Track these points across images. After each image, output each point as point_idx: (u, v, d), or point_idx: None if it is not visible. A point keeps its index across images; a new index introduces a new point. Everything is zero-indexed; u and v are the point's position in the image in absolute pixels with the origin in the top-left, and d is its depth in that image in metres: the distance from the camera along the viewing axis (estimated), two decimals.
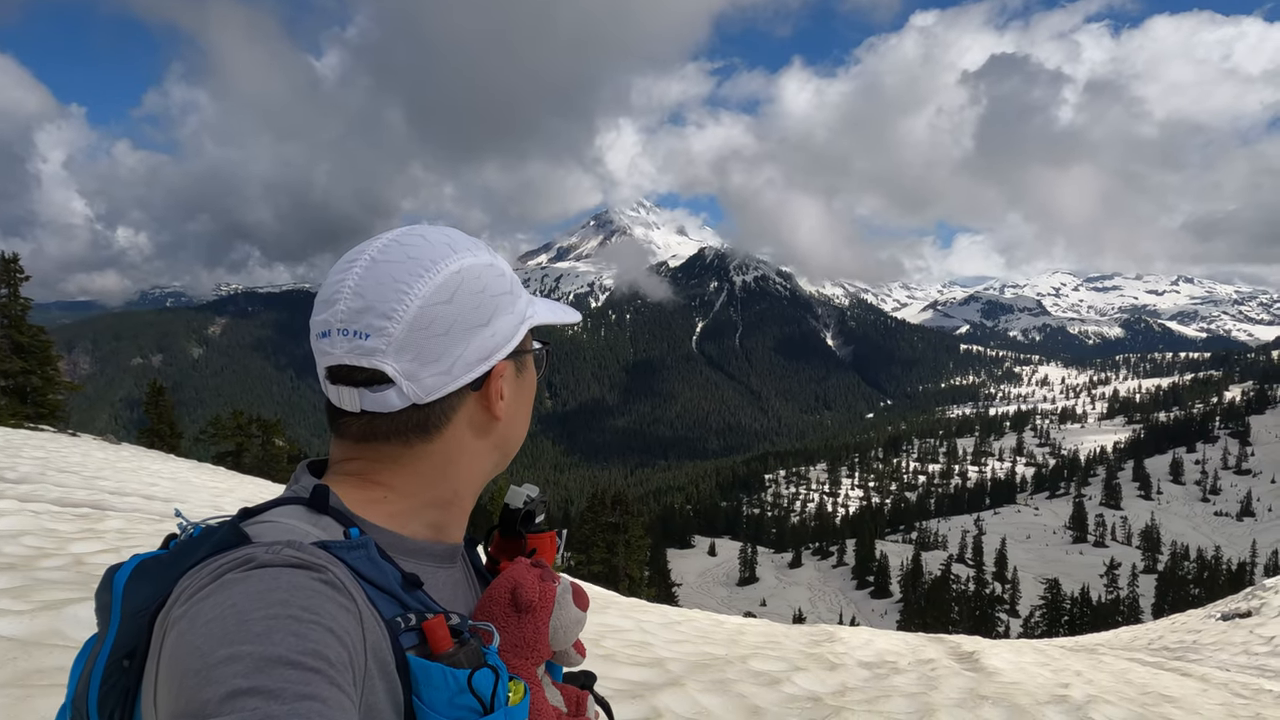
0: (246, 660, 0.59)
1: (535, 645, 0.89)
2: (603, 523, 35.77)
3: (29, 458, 13.28)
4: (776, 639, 8.02)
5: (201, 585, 0.68)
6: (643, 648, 6.41)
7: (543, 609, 0.90)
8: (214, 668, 0.59)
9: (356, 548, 0.78)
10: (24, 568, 4.87)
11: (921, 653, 7.98)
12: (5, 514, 6.71)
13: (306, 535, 0.78)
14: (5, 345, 24.67)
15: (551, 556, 1.06)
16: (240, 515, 0.81)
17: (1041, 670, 7.79)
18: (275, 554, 0.70)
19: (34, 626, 3.62)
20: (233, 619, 0.63)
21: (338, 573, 0.72)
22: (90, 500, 8.83)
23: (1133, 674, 8.54)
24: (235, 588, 0.66)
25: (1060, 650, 10.15)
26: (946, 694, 5.99)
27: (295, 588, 0.67)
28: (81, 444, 20.22)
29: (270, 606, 0.64)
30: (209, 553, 0.72)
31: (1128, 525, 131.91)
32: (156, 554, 0.81)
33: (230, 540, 0.74)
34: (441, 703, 0.73)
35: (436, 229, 0.89)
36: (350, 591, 0.71)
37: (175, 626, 0.65)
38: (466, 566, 1.00)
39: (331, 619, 0.66)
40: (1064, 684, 7.05)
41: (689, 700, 4.84)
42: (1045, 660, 8.68)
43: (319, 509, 0.83)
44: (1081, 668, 8.43)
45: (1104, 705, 6.26)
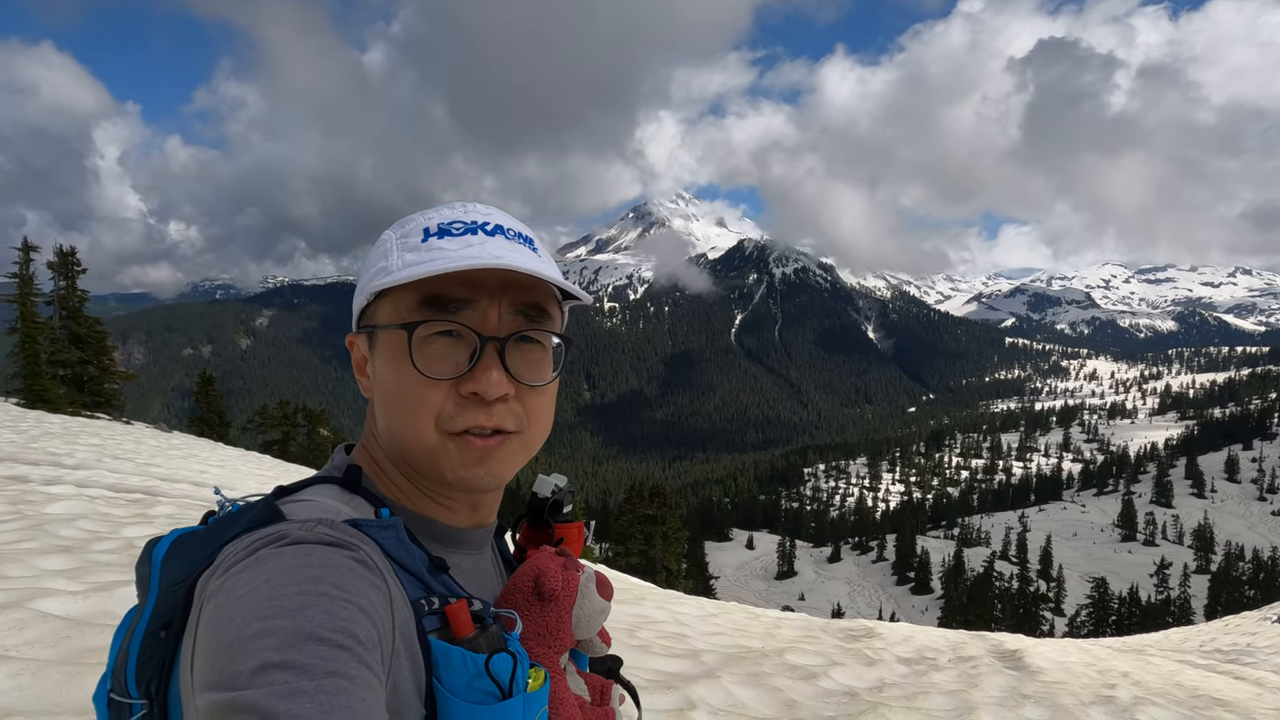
0: (278, 635, 0.60)
1: (558, 634, 0.89)
2: (640, 514, 35.79)
3: (85, 444, 13.73)
4: (814, 633, 7.97)
5: (237, 560, 0.69)
6: (678, 639, 6.41)
7: (565, 598, 0.90)
8: (247, 641, 0.60)
9: (386, 528, 0.79)
10: (79, 550, 5.03)
11: (962, 650, 7.86)
12: (62, 498, 6.95)
13: (339, 513, 0.79)
14: (64, 336, 25.49)
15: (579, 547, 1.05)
16: (275, 493, 0.83)
17: (1087, 670, 7.62)
18: (309, 531, 0.71)
19: (87, 607, 3.74)
20: (266, 594, 0.64)
21: (369, 551, 0.73)
22: (143, 486, 9.10)
23: (1183, 676, 8.31)
24: (269, 563, 0.67)
25: (1107, 650, 9.92)
26: (987, 692, 5.89)
27: (327, 565, 0.68)
28: (135, 432, 20.85)
29: (303, 583, 0.65)
30: (244, 529, 0.74)
31: (1179, 524, 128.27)
32: (195, 529, 0.83)
33: (265, 517, 0.76)
34: (460, 686, 0.73)
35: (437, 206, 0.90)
36: (380, 570, 0.73)
37: (212, 599, 0.67)
38: (494, 554, 1.00)
39: (362, 596, 0.67)
40: (1110, 685, 6.89)
41: (723, 692, 4.83)
42: (1091, 660, 8.49)
43: (351, 488, 0.85)
44: (1129, 669, 8.22)
45: (1151, 707, 6.11)
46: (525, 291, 0.84)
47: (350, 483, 0.86)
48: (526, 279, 0.84)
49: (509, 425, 0.84)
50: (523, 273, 0.81)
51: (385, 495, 0.87)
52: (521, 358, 0.85)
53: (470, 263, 0.79)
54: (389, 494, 0.88)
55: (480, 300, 0.82)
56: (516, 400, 0.84)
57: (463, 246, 0.83)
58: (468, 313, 0.82)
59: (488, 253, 0.82)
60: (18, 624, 3.35)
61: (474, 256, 0.81)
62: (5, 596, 3.70)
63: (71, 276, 26.06)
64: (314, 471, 0.89)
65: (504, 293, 0.83)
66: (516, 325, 0.84)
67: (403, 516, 0.85)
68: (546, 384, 0.88)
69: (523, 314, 0.84)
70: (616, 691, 1.04)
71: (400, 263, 0.83)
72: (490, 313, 0.83)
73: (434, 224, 0.86)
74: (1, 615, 3.39)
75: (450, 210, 0.88)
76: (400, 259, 0.83)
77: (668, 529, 35.80)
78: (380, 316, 0.85)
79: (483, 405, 0.82)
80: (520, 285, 0.84)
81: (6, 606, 3.52)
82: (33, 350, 23.29)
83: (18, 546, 4.95)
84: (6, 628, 3.30)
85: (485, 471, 0.84)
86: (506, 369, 0.83)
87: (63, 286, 25.92)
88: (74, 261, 26.18)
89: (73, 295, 26.15)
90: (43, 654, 3.13)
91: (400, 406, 0.83)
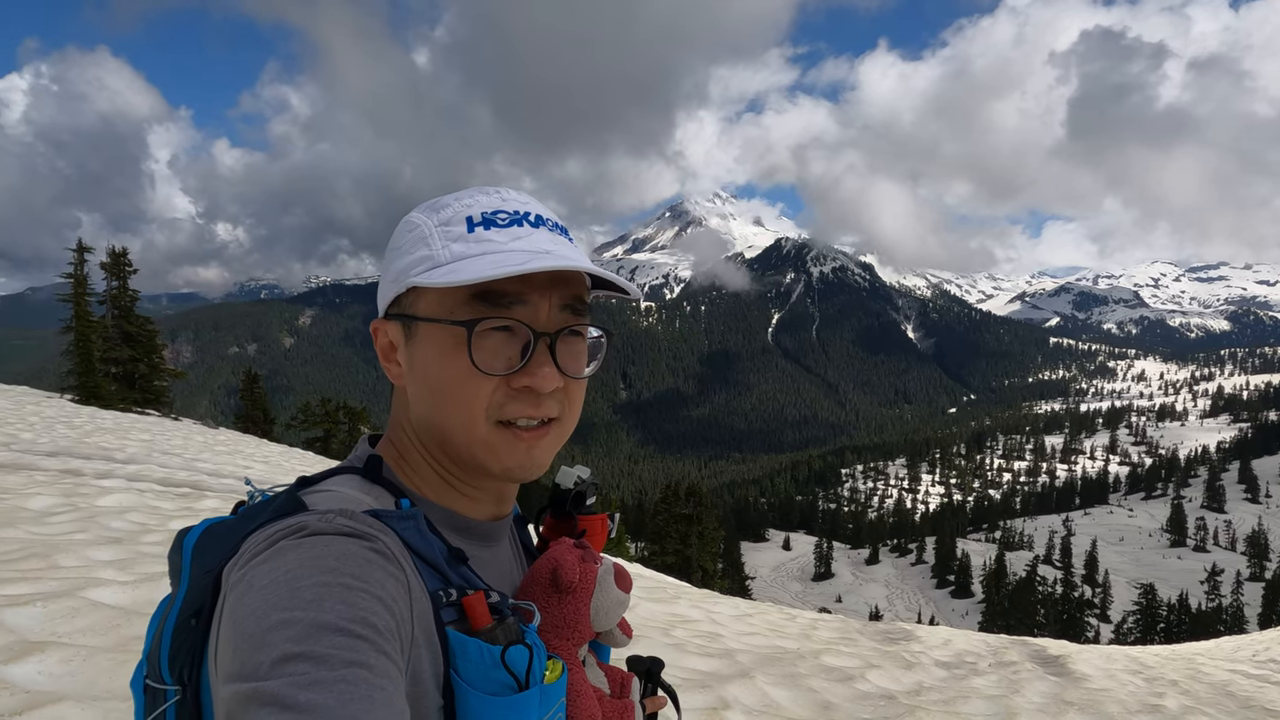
0: (298, 626, 0.61)
1: (576, 625, 0.89)
2: (676, 514, 35.75)
3: (136, 440, 14.12)
4: (850, 635, 7.88)
5: (258, 551, 0.70)
6: (712, 639, 6.39)
7: (583, 590, 0.90)
8: (267, 632, 0.61)
9: (406, 519, 0.79)
10: (129, 542, 5.18)
11: (1003, 655, 7.71)
12: (113, 492, 7.16)
13: (360, 504, 0.80)
14: (116, 334, 26.22)
15: (602, 539, 1.04)
16: (298, 483, 0.84)
17: (1133, 678, 7.43)
18: (328, 522, 0.72)
19: (135, 596, 3.85)
20: (285, 585, 0.64)
21: (388, 541, 0.73)
22: (190, 481, 9.33)
23: (1235, 687, 8.05)
24: (289, 554, 0.68)
25: (1155, 658, 9.65)
26: (1029, 698, 5.78)
27: (346, 556, 0.68)
28: (183, 428, 21.40)
29: (321, 574, 0.66)
30: (268, 519, 0.75)
31: (1231, 530, 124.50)
32: (225, 519, 0.85)
33: (287, 507, 0.77)
34: (477, 677, 0.74)
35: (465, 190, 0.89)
36: (399, 560, 0.73)
37: (234, 590, 0.68)
38: (514, 546, 1.00)
39: (380, 587, 0.68)
40: (1158, 694, 6.71)
41: (758, 692, 4.80)
42: (1138, 668, 8.28)
43: (372, 479, 0.86)
44: (1178, 677, 8.00)
45: (1201, 718, 5.94)
46: (571, 285, 0.85)
47: (371, 473, 0.86)
48: (574, 273, 0.85)
49: (554, 414, 0.86)
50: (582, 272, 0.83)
51: (406, 486, 0.88)
52: (568, 350, 0.86)
53: (542, 264, 0.78)
54: (411, 485, 0.88)
55: (532, 295, 0.82)
56: (562, 391, 0.85)
57: (512, 239, 0.83)
58: (521, 308, 0.81)
59: (539, 247, 0.83)
60: (70, 612, 3.46)
61: (536, 253, 0.81)
62: (59, 585, 3.82)
63: (123, 277, 26.77)
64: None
65: (553, 287, 0.83)
66: (565, 320, 0.84)
67: (423, 508, 0.86)
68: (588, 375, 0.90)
69: (569, 308, 0.85)
70: (636, 684, 1.04)
71: (447, 253, 0.82)
72: (541, 307, 0.83)
73: (476, 212, 0.85)
74: (55, 603, 3.51)
75: (486, 197, 0.87)
76: (447, 249, 0.82)
77: (704, 529, 35.71)
78: (423, 307, 0.83)
79: (532, 397, 0.83)
80: (568, 279, 0.84)
81: (60, 595, 3.64)
82: (86, 348, 24.00)
83: (71, 537, 5.11)
84: (59, 615, 3.41)
85: (530, 461, 0.85)
86: (556, 362, 0.83)
87: (115, 286, 26.63)
88: (125, 262, 26.88)
89: (124, 295, 26.87)
90: (93, 641, 3.23)
91: (450, 398, 0.83)
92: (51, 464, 8.89)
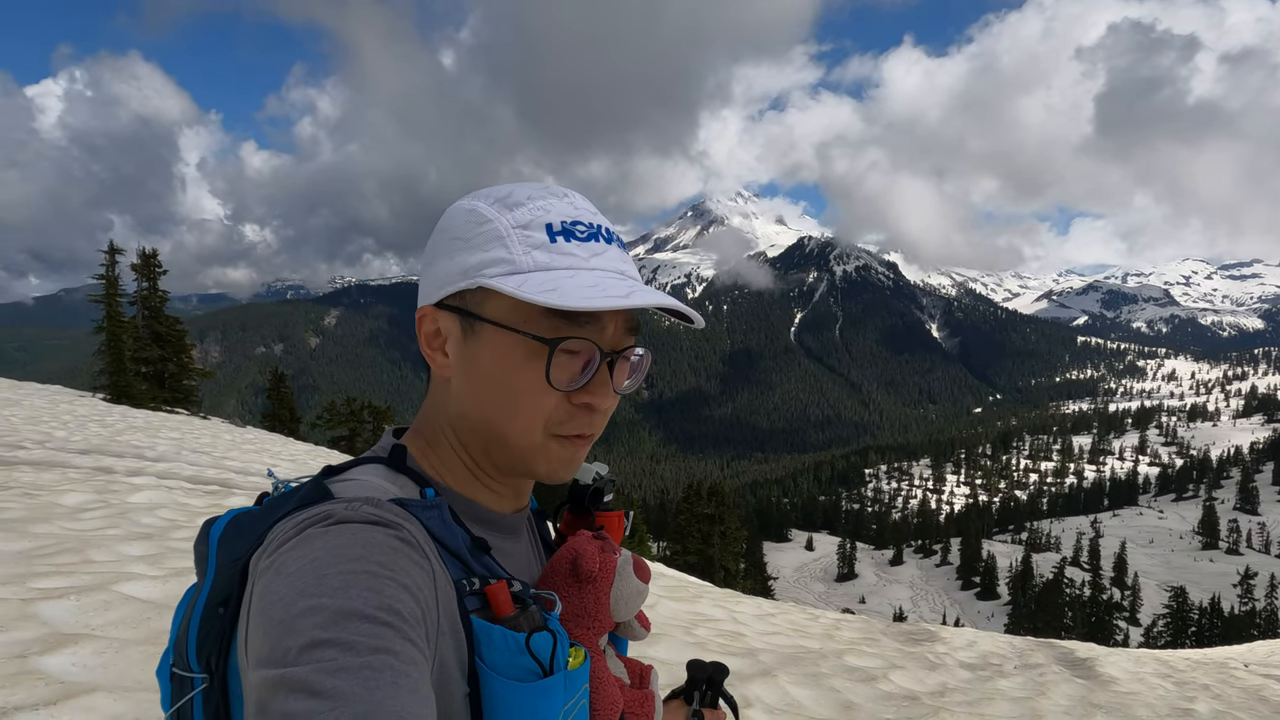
0: (325, 613, 0.62)
1: (596, 615, 0.90)
2: (699, 514, 35.69)
3: (166, 438, 14.36)
4: (874, 636, 7.84)
5: (286, 539, 0.71)
6: (735, 638, 6.38)
7: (603, 579, 0.91)
8: (295, 619, 0.62)
9: (431, 508, 0.80)
10: (159, 537, 5.28)
11: (1029, 657, 7.63)
12: (144, 489, 7.29)
13: (385, 493, 0.81)
14: (146, 334, 26.71)
15: (619, 535, 1.06)
16: (324, 472, 0.85)
17: (1163, 682, 7.32)
18: (354, 511, 0.72)
19: (165, 590, 3.92)
20: (312, 572, 0.65)
21: (412, 530, 0.74)
22: (219, 479, 9.48)
23: (1268, 691, 7.90)
24: (316, 542, 0.68)
25: (1186, 662, 9.49)
26: (1055, 700, 5.71)
27: (372, 544, 0.69)
28: (211, 426, 21.73)
29: (348, 562, 0.66)
30: (294, 507, 0.76)
31: (1265, 532, 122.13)
32: (250, 509, 0.86)
33: (314, 496, 0.78)
34: (502, 664, 0.75)
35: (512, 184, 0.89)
36: (424, 549, 0.74)
37: (262, 578, 0.69)
38: (532, 538, 1.01)
39: (406, 575, 0.68)
40: (1189, 698, 6.60)
41: (780, 691, 4.79)
42: (1168, 671, 8.15)
43: (397, 468, 0.86)
44: (1209, 681, 7.86)
45: None
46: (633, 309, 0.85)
47: (396, 463, 0.87)
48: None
49: (601, 428, 0.89)
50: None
51: (430, 476, 0.88)
52: (621, 369, 0.87)
53: (642, 300, 0.80)
54: (435, 475, 0.89)
55: (604, 316, 0.83)
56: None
57: (591, 255, 0.84)
58: (594, 328, 0.82)
59: (615, 266, 0.84)
60: (103, 605, 3.53)
61: (621, 276, 0.84)
62: (91, 579, 3.91)
63: (153, 278, 27.26)
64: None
65: (623, 310, 0.84)
66: (627, 340, 0.86)
67: (446, 498, 0.86)
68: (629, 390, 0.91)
69: (630, 329, 0.86)
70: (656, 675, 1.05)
71: (530, 261, 0.81)
72: (609, 328, 0.84)
73: (555, 219, 0.84)
74: (88, 597, 3.59)
75: (558, 201, 0.86)
76: (529, 256, 0.82)
77: (726, 528, 35.62)
78: (492, 310, 0.82)
79: (588, 413, 0.85)
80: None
81: (93, 589, 3.72)
82: (118, 348, 24.47)
83: (104, 533, 5.22)
84: (92, 609, 3.49)
85: (573, 466, 0.88)
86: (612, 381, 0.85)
87: (145, 287, 27.13)
88: (155, 264, 27.37)
89: (154, 295, 27.36)
90: (125, 634, 3.30)
91: (514, 405, 0.83)
92: (84, 461, 9.06)
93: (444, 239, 0.86)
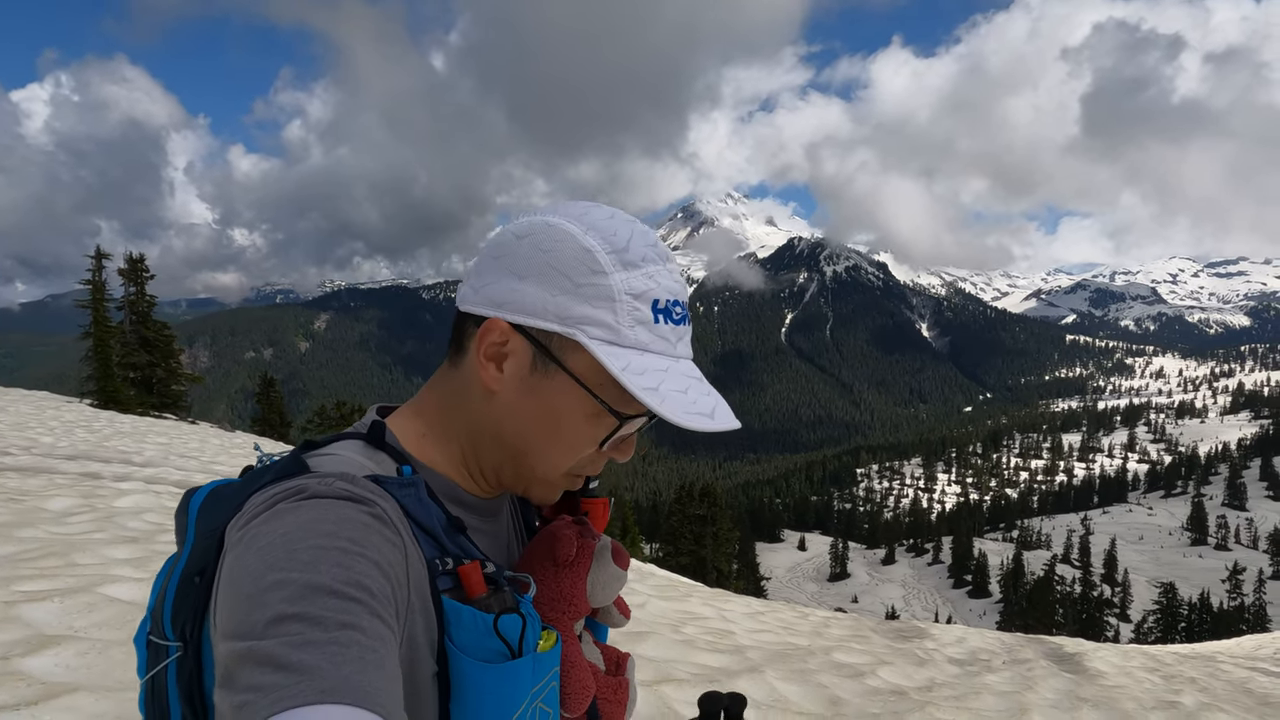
0: (293, 587, 0.62)
1: (572, 599, 0.90)
2: (691, 515, 35.71)
3: (153, 443, 14.29)
4: (863, 633, 7.87)
5: (257, 512, 0.70)
6: (723, 635, 6.40)
7: (580, 564, 0.91)
8: (263, 592, 0.62)
9: (407, 486, 0.80)
10: (145, 540, 5.27)
11: (1018, 652, 7.68)
12: (131, 493, 7.26)
13: (361, 469, 0.80)
14: (134, 340, 26.52)
15: (603, 522, 1.06)
16: (303, 447, 0.85)
17: (1150, 676, 7.38)
18: (327, 486, 0.72)
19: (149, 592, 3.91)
20: (282, 547, 0.65)
21: (386, 507, 0.74)
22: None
23: (1254, 684, 7.98)
24: (287, 516, 0.68)
25: (1174, 657, 9.56)
26: (1042, 694, 5.75)
27: (343, 520, 0.69)
28: (200, 431, 21.62)
29: (318, 537, 0.66)
30: (270, 480, 0.76)
31: (1253, 528, 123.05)
32: (231, 481, 0.86)
33: (290, 469, 0.77)
34: (471, 644, 0.75)
35: (602, 208, 0.88)
36: (397, 527, 0.74)
37: (233, 550, 0.69)
38: (514, 521, 1.02)
39: (376, 551, 0.68)
40: (1175, 690, 6.66)
41: (767, 687, 4.81)
42: (1155, 665, 8.21)
43: (376, 444, 0.86)
44: (1196, 675, 7.93)
45: (1218, 714, 5.89)
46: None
47: (375, 439, 0.87)
48: None
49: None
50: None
51: (409, 453, 0.88)
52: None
53: (723, 425, 0.83)
54: (418, 454, 0.88)
55: None
56: None
57: (678, 340, 0.87)
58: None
59: (687, 353, 0.89)
60: (87, 607, 3.53)
61: (709, 401, 0.86)
62: (76, 582, 3.90)
63: (140, 283, 27.05)
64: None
65: None
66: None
67: (425, 475, 0.86)
68: None
69: None
70: (633, 663, 1.05)
71: (632, 337, 0.83)
72: None
73: (662, 296, 0.85)
74: (72, 599, 3.58)
75: (665, 271, 0.86)
76: (633, 332, 0.83)
77: (718, 529, 35.66)
78: (574, 363, 0.83)
79: (604, 460, 0.89)
80: None
81: (77, 591, 3.71)
82: (105, 353, 24.29)
83: (89, 537, 5.20)
84: (77, 610, 3.49)
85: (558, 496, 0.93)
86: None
87: (132, 292, 26.91)
88: (143, 268, 27.15)
89: (141, 300, 27.15)
90: (108, 635, 3.30)
91: (553, 445, 0.86)
92: (71, 467, 9.02)
93: (543, 262, 0.83)
